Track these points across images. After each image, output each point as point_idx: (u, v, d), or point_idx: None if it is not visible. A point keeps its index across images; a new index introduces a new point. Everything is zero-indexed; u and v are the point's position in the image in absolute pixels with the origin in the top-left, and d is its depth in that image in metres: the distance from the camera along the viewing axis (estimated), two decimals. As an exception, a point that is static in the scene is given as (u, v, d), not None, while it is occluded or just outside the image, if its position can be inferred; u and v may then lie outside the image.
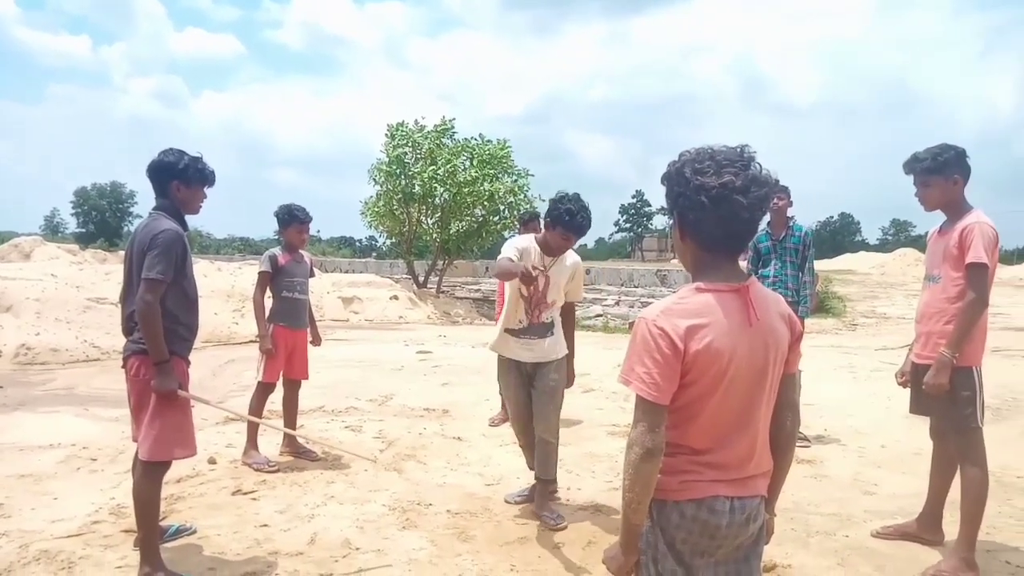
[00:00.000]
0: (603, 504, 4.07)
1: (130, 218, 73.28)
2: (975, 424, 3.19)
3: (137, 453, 3.18)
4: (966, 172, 3.27)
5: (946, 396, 3.17)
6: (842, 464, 4.90)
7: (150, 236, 3.02)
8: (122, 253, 25.34)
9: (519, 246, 3.76)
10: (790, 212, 5.29)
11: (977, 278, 3.12)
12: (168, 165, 3.15)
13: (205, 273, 13.19)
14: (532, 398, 3.87)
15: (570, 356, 3.97)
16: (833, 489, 4.40)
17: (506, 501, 4.02)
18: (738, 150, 1.61)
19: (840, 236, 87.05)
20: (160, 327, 2.96)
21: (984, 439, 3.24)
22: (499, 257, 3.80)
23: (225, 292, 12.61)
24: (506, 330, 3.86)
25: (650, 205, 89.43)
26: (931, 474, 3.57)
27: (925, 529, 3.55)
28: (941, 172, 3.25)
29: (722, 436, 1.64)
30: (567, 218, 3.62)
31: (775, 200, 5.37)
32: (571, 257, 3.86)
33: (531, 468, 4.01)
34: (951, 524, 3.43)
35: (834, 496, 4.27)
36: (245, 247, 70.29)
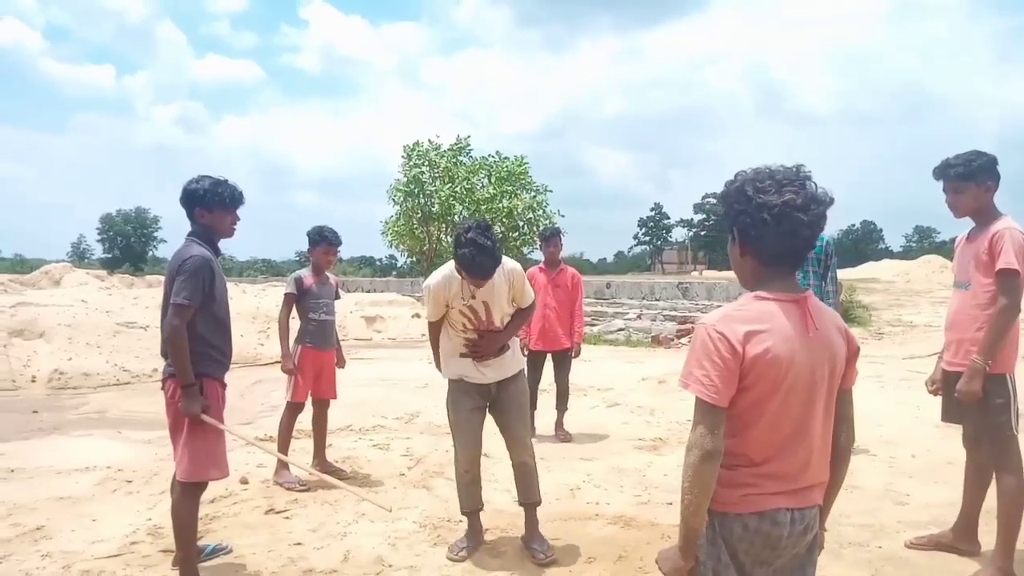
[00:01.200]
0: (633, 517, 4.07)
1: (155, 243, 74.69)
2: (1010, 432, 3.17)
3: (175, 474, 3.25)
4: (997, 179, 3.28)
5: (979, 404, 3.15)
6: (873, 474, 4.85)
7: (179, 262, 3.12)
8: (148, 278, 25.69)
9: (433, 285, 3.49)
10: None
11: (1009, 284, 3.11)
12: (190, 193, 3.24)
13: (230, 295, 13.31)
14: (500, 421, 3.72)
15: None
16: (865, 500, 4.36)
17: (448, 558, 3.52)
18: (794, 170, 1.67)
19: (863, 244, 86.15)
20: (186, 351, 3.04)
21: (1019, 446, 3.22)
22: (430, 337, 3.71)
23: (250, 314, 12.77)
24: (461, 355, 3.63)
25: (668, 218, 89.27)
26: (965, 483, 3.53)
27: (960, 539, 3.51)
28: (974, 178, 3.25)
29: (780, 445, 1.67)
30: (465, 263, 3.28)
31: None
32: (503, 269, 3.50)
33: (472, 507, 3.69)
34: (987, 534, 3.39)
35: (866, 507, 4.23)
36: (268, 269, 71.11)
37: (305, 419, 5.03)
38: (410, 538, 3.79)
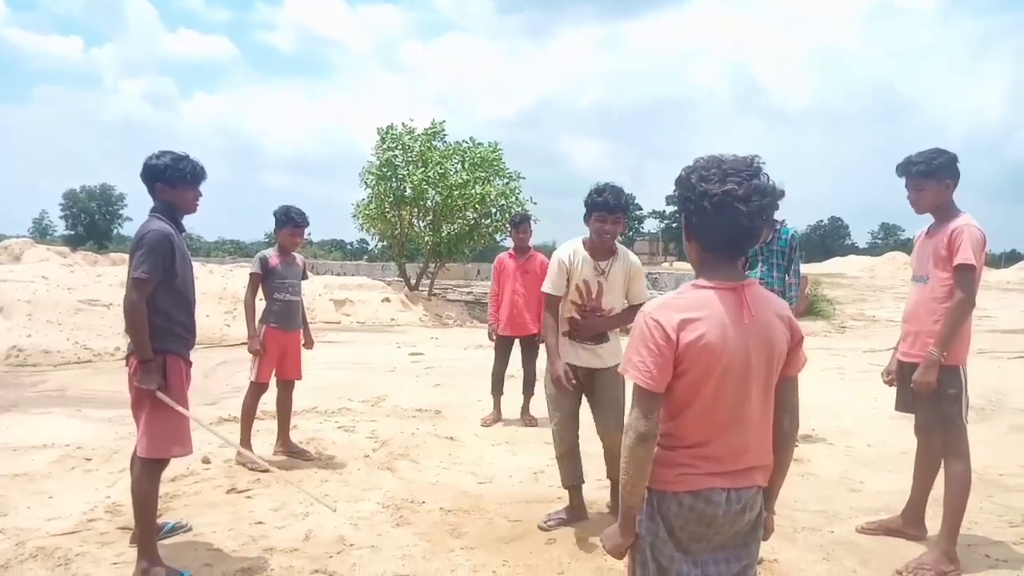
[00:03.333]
0: (593, 501, 4.12)
1: (120, 221, 73.14)
2: (960, 421, 3.27)
3: (135, 451, 3.22)
4: (956, 177, 3.36)
5: (933, 394, 3.24)
6: (829, 463, 4.98)
7: (138, 237, 3.08)
8: (113, 256, 25.12)
9: (563, 259, 3.63)
10: (777, 216, 5.35)
11: (966, 279, 3.20)
12: (151, 168, 3.19)
13: (196, 275, 12.95)
14: (593, 408, 3.73)
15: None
16: (820, 487, 4.47)
17: (540, 527, 3.67)
18: (747, 160, 1.70)
19: (830, 240, 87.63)
20: (145, 326, 3.00)
21: (967, 436, 3.32)
22: (545, 320, 3.70)
23: (217, 294, 12.60)
24: (563, 333, 3.69)
25: (641, 209, 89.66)
26: (915, 471, 3.64)
27: (909, 524, 3.62)
28: (935, 176, 3.33)
29: (716, 429, 1.71)
30: (595, 197, 3.49)
31: None
32: (627, 259, 3.67)
33: (571, 481, 3.80)
34: (933, 519, 3.50)
35: (821, 494, 4.34)
36: (236, 250, 70.08)
37: (269, 400, 4.99)
38: (372, 518, 3.80)
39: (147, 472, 3.10)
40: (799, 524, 3.81)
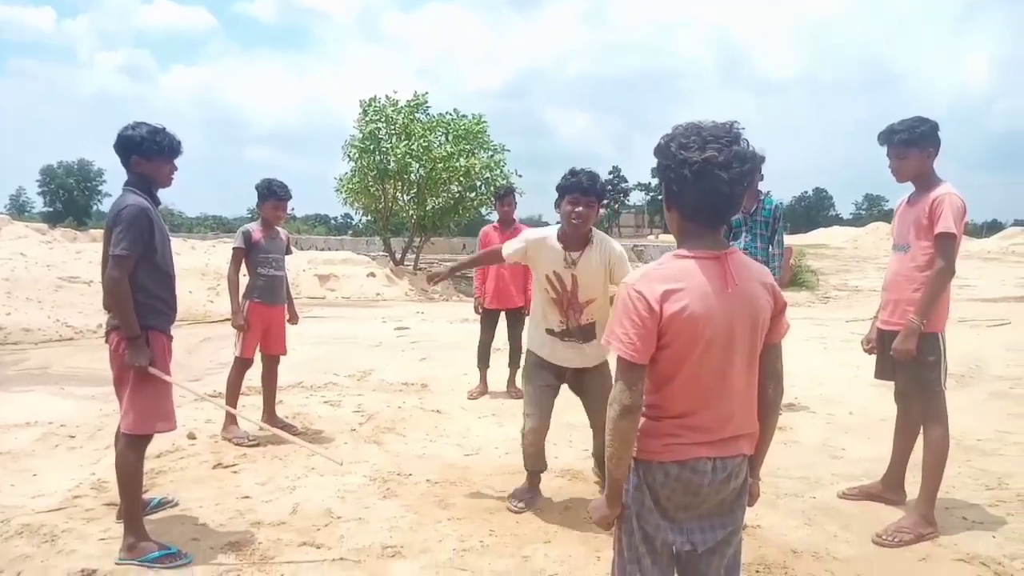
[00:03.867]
0: (579, 471, 4.17)
1: (99, 196, 72.05)
2: (939, 388, 3.31)
3: (119, 427, 3.20)
4: (938, 145, 3.37)
5: (913, 361, 3.28)
6: (812, 431, 5.05)
7: (115, 212, 3.03)
8: (93, 232, 24.82)
9: (529, 237, 3.52)
10: (761, 186, 5.36)
11: (946, 247, 3.22)
12: (126, 139, 3.12)
13: (178, 251, 12.98)
14: (584, 403, 3.68)
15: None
16: (802, 454, 4.54)
17: (509, 509, 3.60)
18: (727, 127, 1.67)
19: (814, 211, 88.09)
20: (129, 302, 2.97)
21: (946, 402, 3.37)
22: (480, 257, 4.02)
23: (199, 271, 12.51)
24: (546, 330, 3.55)
25: (627, 181, 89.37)
26: (895, 437, 3.70)
27: (888, 489, 3.69)
28: (917, 144, 3.33)
29: (701, 398, 1.71)
30: (568, 178, 3.34)
31: None
32: (603, 251, 3.43)
33: (535, 469, 3.72)
34: (912, 484, 3.57)
35: (803, 461, 4.40)
36: (218, 225, 69.31)
37: (255, 375, 4.98)
38: (359, 491, 3.82)
39: (132, 448, 3.08)
40: (781, 490, 3.87)
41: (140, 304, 3.03)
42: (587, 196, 3.33)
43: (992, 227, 52.64)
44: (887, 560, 3.12)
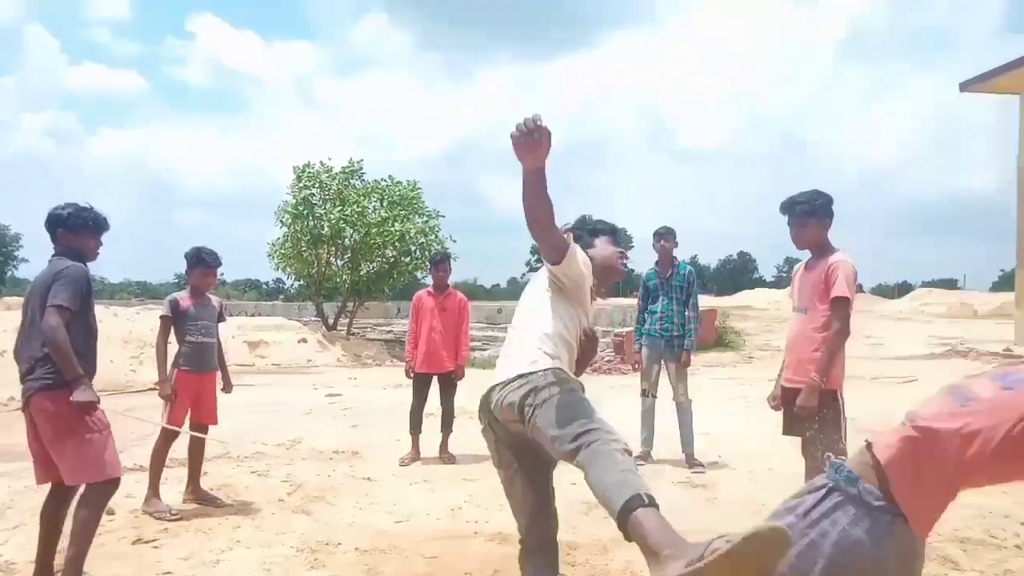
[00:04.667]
0: (510, 534, 4.17)
1: (15, 263, 68.69)
2: (840, 442, 3.54)
3: (50, 497, 3.32)
4: (832, 216, 3.70)
5: (814, 417, 3.51)
6: (734, 487, 5.23)
7: (54, 272, 3.19)
8: (8, 299, 23.65)
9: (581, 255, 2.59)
10: (676, 253, 5.72)
11: (841, 310, 3.51)
12: (54, 217, 3.35)
13: (100, 319, 12.54)
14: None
15: None
16: (725, 510, 4.70)
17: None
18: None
19: (739, 274, 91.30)
20: (69, 347, 3.09)
21: (848, 454, 3.60)
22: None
23: (122, 338, 12.11)
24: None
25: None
26: (806, 489, 3.89)
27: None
28: (815, 215, 3.66)
29: None
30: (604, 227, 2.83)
31: (663, 242, 5.81)
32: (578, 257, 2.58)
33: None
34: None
35: (726, 517, 4.54)
36: (143, 291, 66.89)
37: (180, 447, 4.86)
38: (286, 563, 3.75)
39: (98, 498, 3.19)
40: (704, 546, 3.99)
41: None
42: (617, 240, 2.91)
43: (904, 288, 55.73)
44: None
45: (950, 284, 57.71)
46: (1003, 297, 30.74)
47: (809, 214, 3.66)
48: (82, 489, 3.23)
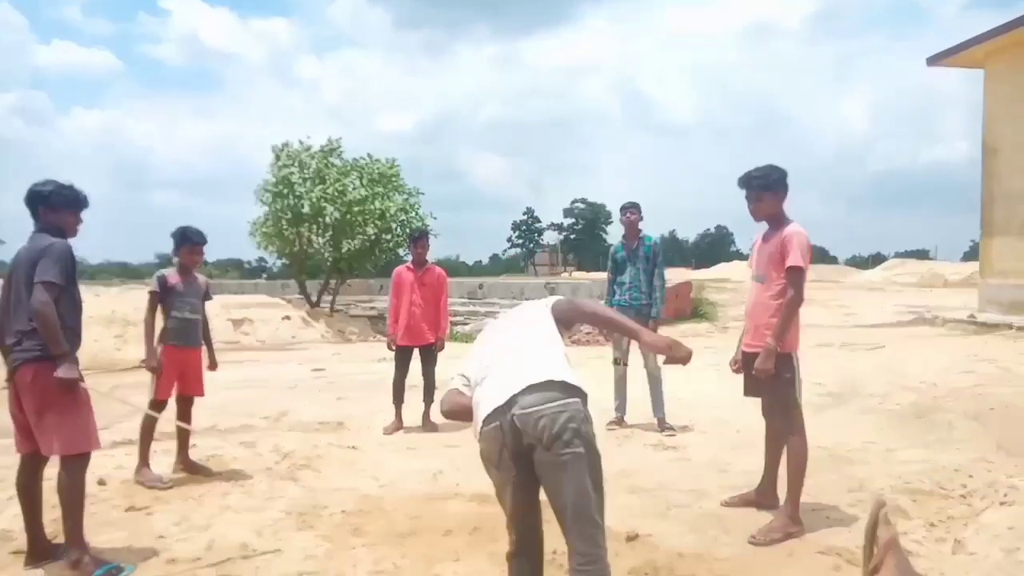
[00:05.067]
0: (489, 495, 4.37)
1: (-11, 244, 67.64)
2: (795, 402, 3.78)
3: (22, 467, 3.45)
4: (787, 189, 3.90)
5: (772, 379, 3.73)
6: (703, 449, 5.48)
7: (40, 248, 3.29)
8: (-17, 281, 23.54)
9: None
10: (641, 225, 5.94)
11: (796, 279, 3.72)
12: (34, 193, 3.44)
13: (83, 299, 12.63)
14: None
15: None
16: (693, 470, 4.95)
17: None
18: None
19: (717, 247, 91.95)
20: (58, 324, 3.21)
21: (803, 414, 3.84)
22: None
23: (106, 318, 12.16)
24: None
25: (540, 221, 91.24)
26: (765, 449, 4.14)
27: (763, 496, 4.11)
28: (771, 188, 3.85)
29: None
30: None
31: (628, 214, 6.01)
32: None
33: None
34: (784, 490, 4.00)
35: (694, 475, 4.81)
36: (124, 272, 66.21)
37: (166, 420, 5.00)
38: (275, 525, 3.94)
39: (77, 469, 3.31)
40: (672, 503, 4.24)
41: None
42: None
43: (876, 259, 56.44)
44: (760, 557, 3.51)
45: (922, 255, 58.54)
46: (973, 267, 31.17)
47: (765, 188, 3.85)
48: (58, 463, 3.35)
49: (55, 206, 3.43)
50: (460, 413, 2.55)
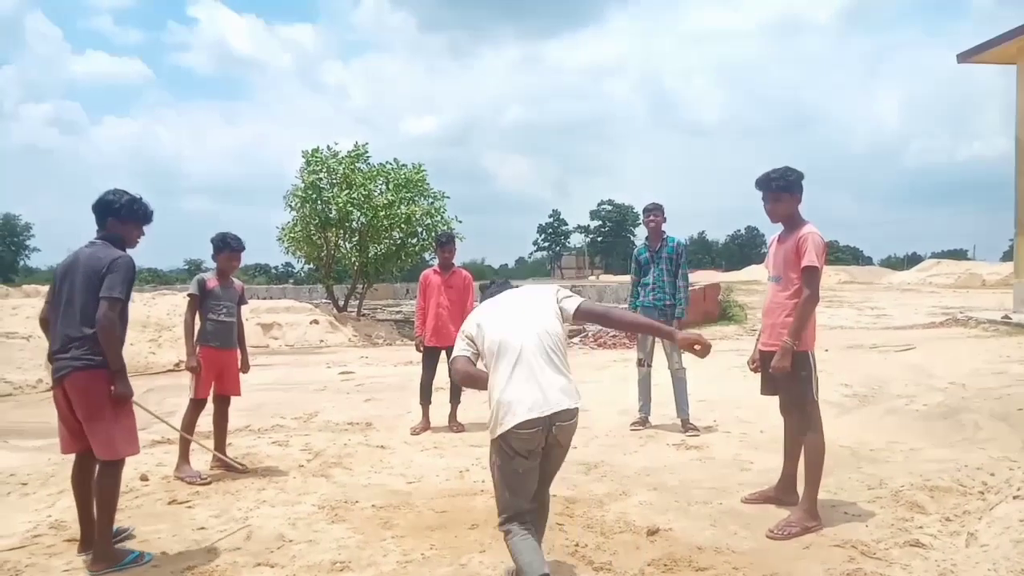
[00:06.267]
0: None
1: (27, 252, 69.45)
2: (812, 399, 3.85)
3: (77, 465, 3.62)
4: (802, 191, 3.98)
5: (788, 376, 3.81)
6: (726, 448, 5.55)
7: (108, 260, 3.41)
8: (26, 288, 24.01)
9: None
10: (664, 227, 6.03)
11: (811, 279, 3.79)
12: (106, 203, 3.57)
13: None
14: None
15: None
16: (715, 468, 5.02)
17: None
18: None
19: (747, 248, 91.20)
20: (121, 341, 3.40)
21: (819, 411, 3.91)
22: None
23: (140, 322, 12.47)
24: None
25: (567, 224, 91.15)
26: (784, 446, 4.21)
27: (783, 492, 4.18)
28: (789, 190, 3.94)
29: None
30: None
31: (652, 217, 6.10)
32: None
33: None
34: (803, 486, 4.06)
35: (716, 474, 4.88)
36: (155, 278, 67.49)
37: (203, 421, 5.21)
38: (309, 518, 4.11)
39: (115, 472, 3.48)
40: (694, 499, 4.33)
41: None
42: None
43: (912, 260, 55.61)
44: (778, 550, 3.59)
45: (960, 255, 57.52)
46: (1011, 267, 30.76)
47: (783, 189, 3.94)
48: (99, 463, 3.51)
49: (124, 218, 3.58)
50: (473, 382, 3.16)
